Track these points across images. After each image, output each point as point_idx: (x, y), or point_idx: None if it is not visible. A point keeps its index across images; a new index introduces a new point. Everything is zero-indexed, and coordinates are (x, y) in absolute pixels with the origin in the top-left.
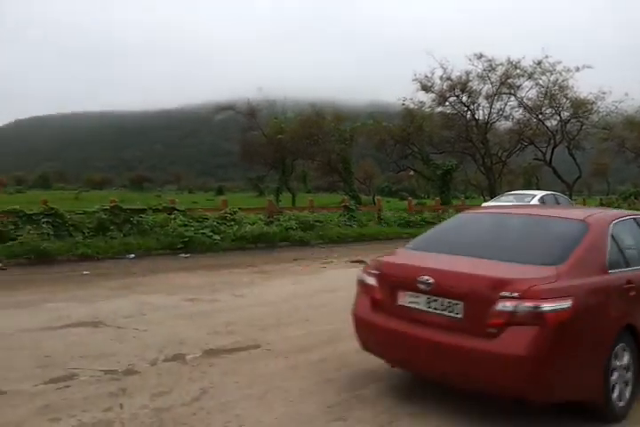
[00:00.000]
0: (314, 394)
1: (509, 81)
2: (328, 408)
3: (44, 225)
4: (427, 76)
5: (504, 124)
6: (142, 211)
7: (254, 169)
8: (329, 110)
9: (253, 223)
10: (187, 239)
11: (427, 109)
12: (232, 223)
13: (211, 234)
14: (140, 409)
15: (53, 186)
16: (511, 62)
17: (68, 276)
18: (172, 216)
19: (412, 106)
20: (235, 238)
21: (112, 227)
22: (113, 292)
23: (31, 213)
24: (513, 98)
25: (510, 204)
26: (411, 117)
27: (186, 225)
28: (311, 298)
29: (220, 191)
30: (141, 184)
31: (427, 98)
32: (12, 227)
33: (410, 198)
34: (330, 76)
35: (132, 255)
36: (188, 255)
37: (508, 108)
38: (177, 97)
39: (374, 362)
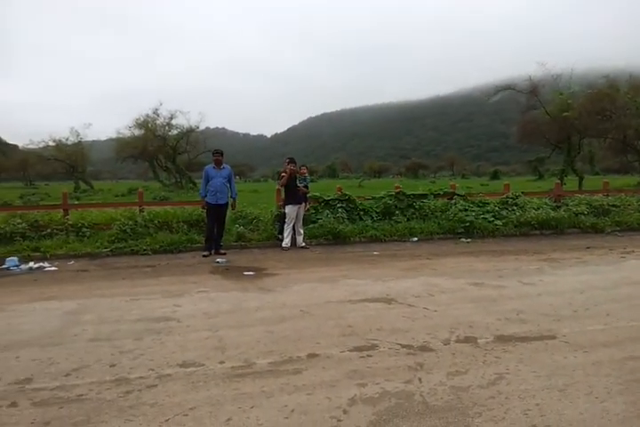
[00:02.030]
0: (622, 394)
1: None
2: None
3: (339, 210)
4: None
5: None
6: (424, 196)
7: (533, 151)
8: (624, 81)
9: (538, 208)
10: (467, 224)
11: None
12: (514, 208)
13: (492, 219)
14: (438, 386)
15: (339, 175)
16: None
17: (360, 256)
18: (453, 201)
19: None
20: (517, 224)
21: (396, 211)
22: (402, 272)
23: (329, 198)
24: None
25: None
26: None
27: (466, 210)
28: (610, 291)
29: (495, 175)
30: (416, 171)
31: None
32: (313, 211)
33: None
34: (625, 42)
35: (415, 238)
36: (468, 240)
37: None
38: (451, 82)
39: None
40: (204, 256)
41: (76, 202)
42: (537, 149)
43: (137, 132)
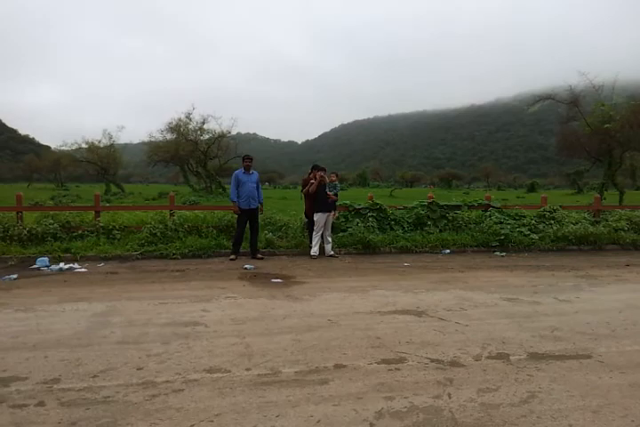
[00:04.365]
0: None
1: None
2: None
3: (369, 219)
4: None
5: None
6: (457, 207)
7: (572, 163)
8: None
9: (576, 222)
10: (502, 237)
11: None
12: (552, 222)
13: (528, 233)
14: (468, 402)
15: (370, 183)
16: None
17: (390, 266)
18: (488, 213)
19: None
20: (554, 238)
21: (429, 222)
22: (433, 284)
23: (359, 207)
24: None
25: None
26: None
27: (501, 222)
28: None
29: (531, 188)
30: (449, 181)
31: None
32: (343, 220)
33: None
34: None
35: (447, 250)
36: (503, 254)
37: None
38: (489, 91)
39: None
40: (230, 260)
41: (107, 204)
42: (576, 162)
43: (169, 136)
